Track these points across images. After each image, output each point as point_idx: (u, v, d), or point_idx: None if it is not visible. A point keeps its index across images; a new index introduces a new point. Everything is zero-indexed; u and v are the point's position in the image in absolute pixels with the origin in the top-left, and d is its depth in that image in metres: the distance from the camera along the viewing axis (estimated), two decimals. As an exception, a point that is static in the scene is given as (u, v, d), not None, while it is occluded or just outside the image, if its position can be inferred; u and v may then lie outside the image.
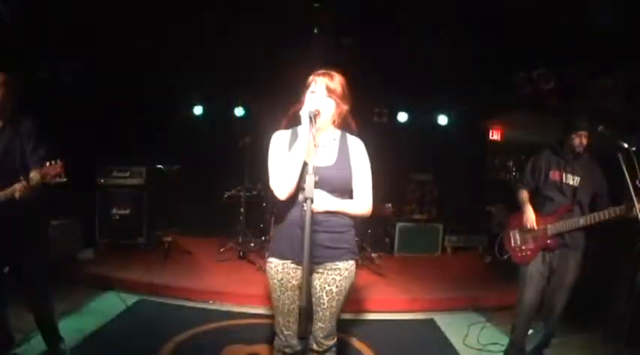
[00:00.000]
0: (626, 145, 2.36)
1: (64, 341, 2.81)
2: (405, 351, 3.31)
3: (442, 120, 6.41)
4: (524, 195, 3.00)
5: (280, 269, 1.96)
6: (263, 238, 5.44)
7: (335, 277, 1.97)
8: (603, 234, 3.42)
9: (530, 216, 2.88)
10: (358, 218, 2.03)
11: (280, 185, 1.86)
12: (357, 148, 2.03)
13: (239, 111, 6.12)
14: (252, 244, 5.42)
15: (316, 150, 1.79)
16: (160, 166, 5.55)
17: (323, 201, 1.87)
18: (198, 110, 6.14)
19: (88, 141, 5.10)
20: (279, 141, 1.98)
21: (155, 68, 5.27)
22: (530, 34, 4.16)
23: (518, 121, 6.19)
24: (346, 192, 1.98)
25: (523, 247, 2.93)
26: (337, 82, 1.93)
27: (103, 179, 5.33)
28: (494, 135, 6.74)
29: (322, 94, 1.90)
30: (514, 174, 7.87)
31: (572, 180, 2.80)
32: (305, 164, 1.81)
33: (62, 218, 4.64)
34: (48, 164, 2.26)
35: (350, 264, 2.00)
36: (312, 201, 1.61)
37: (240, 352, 3.06)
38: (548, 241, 2.80)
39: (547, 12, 3.84)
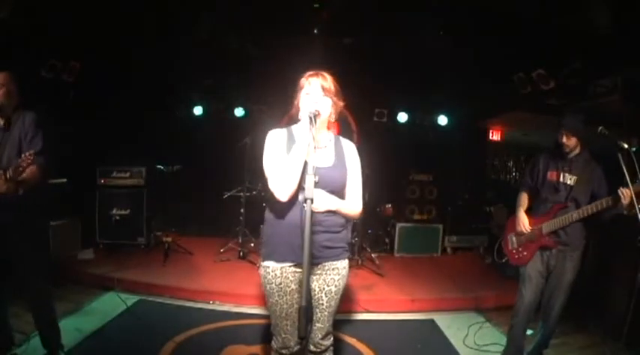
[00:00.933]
0: (626, 145, 2.36)
1: (64, 349, 2.79)
2: (405, 351, 3.31)
3: (442, 120, 6.40)
4: (522, 197, 3.03)
5: (279, 274, 1.95)
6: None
7: (334, 277, 2.00)
8: (603, 233, 3.42)
9: (521, 219, 2.91)
10: (350, 218, 2.09)
11: (282, 187, 1.84)
12: (351, 150, 2.08)
13: (239, 112, 6.12)
14: (252, 244, 5.41)
15: (316, 151, 1.80)
16: (159, 166, 5.55)
17: (324, 201, 1.90)
18: (198, 110, 6.13)
19: (88, 141, 5.11)
20: (275, 140, 1.97)
21: (155, 68, 5.27)
22: (530, 34, 4.16)
23: (518, 121, 6.19)
24: (342, 192, 2.02)
25: (520, 249, 2.95)
26: (329, 80, 1.96)
27: (103, 179, 5.33)
28: (494, 135, 6.74)
29: (319, 94, 1.91)
30: (514, 174, 7.88)
31: (569, 179, 2.78)
32: (305, 164, 1.82)
33: (62, 218, 4.64)
34: (22, 156, 2.25)
35: (345, 263, 2.04)
36: (312, 201, 1.61)
37: (240, 352, 3.07)
38: (545, 240, 2.79)
39: (547, 12, 3.84)
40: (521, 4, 3.91)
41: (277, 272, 1.95)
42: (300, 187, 1.81)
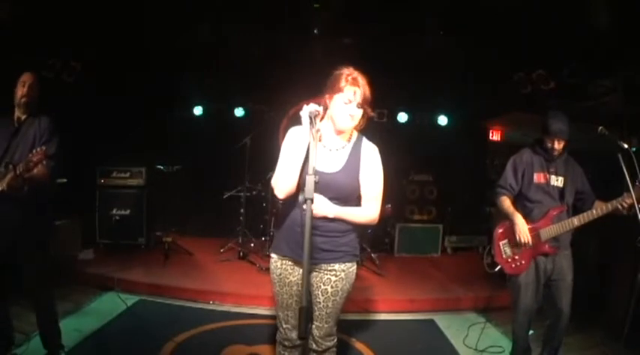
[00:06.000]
0: (626, 145, 2.36)
1: (65, 350, 2.79)
2: (405, 352, 3.31)
3: (442, 120, 6.41)
4: (509, 203, 2.81)
5: (279, 265, 2.02)
6: (263, 238, 5.43)
7: (330, 277, 1.97)
8: (603, 233, 3.41)
9: (523, 230, 2.68)
10: (361, 225, 2.01)
11: (277, 185, 1.92)
12: (370, 155, 2.01)
13: (239, 112, 6.12)
14: (252, 244, 5.42)
15: (317, 150, 1.76)
16: (159, 166, 5.54)
17: (322, 207, 1.84)
18: (198, 110, 6.14)
19: (88, 141, 5.10)
20: (291, 138, 1.96)
21: (155, 68, 5.27)
22: (529, 34, 4.16)
23: (518, 121, 6.18)
24: (351, 199, 1.96)
25: (516, 257, 2.78)
26: (367, 88, 1.91)
27: (103, 179, 5.33)
28: (494, 136, 6.73)
29: (356, 106, 1.88)
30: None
31: (557, 180, 2.73)
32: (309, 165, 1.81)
33: (62, 218, 4.63)
34: (34, 151, 2.27)
35: (347, 266, 1.99)
36: (312, 202, 1.60)
37: (240, 352, 3.07)
38: (544, 247, 2.70)
39: (547, 12, 3.84)
40: (521, 3, 3.91)
41: (278, 263, 2.03)
42: (301, 188, 1.81)
